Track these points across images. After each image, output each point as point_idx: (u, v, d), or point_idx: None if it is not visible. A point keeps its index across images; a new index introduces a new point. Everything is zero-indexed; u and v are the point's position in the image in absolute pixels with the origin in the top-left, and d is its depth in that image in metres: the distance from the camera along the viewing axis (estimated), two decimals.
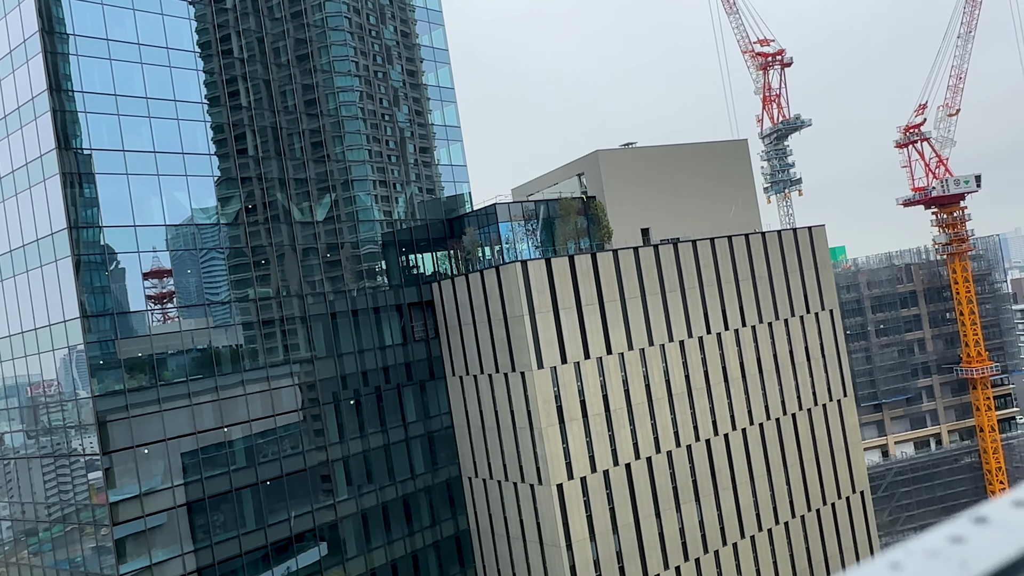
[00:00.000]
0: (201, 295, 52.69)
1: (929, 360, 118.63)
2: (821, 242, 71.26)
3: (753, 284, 65.75)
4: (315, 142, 59.91)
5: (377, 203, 63.90)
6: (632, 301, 58.99)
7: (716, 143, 76.09)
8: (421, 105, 67.99)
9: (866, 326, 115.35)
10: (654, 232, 66.58)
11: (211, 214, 53.94)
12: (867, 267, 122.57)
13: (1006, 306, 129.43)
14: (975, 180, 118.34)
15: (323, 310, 58.00)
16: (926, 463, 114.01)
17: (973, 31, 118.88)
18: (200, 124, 53.50)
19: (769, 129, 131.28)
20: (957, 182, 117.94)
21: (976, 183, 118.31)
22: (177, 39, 52.97)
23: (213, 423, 50.98)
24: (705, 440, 61.42)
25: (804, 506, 66.42)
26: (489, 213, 63.28)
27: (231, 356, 53.16)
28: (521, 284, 54.69)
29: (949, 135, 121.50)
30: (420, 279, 64.79)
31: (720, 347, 63.17)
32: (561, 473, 54.60)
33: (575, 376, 55.90)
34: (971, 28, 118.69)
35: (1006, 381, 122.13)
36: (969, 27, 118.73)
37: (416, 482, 61.90)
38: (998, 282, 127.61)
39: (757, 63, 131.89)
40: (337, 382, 58.28)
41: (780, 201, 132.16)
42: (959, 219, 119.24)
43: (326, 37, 62.04)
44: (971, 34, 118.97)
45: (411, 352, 63.00)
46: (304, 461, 55.08)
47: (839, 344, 71.38)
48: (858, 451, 71.81)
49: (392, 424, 61.05)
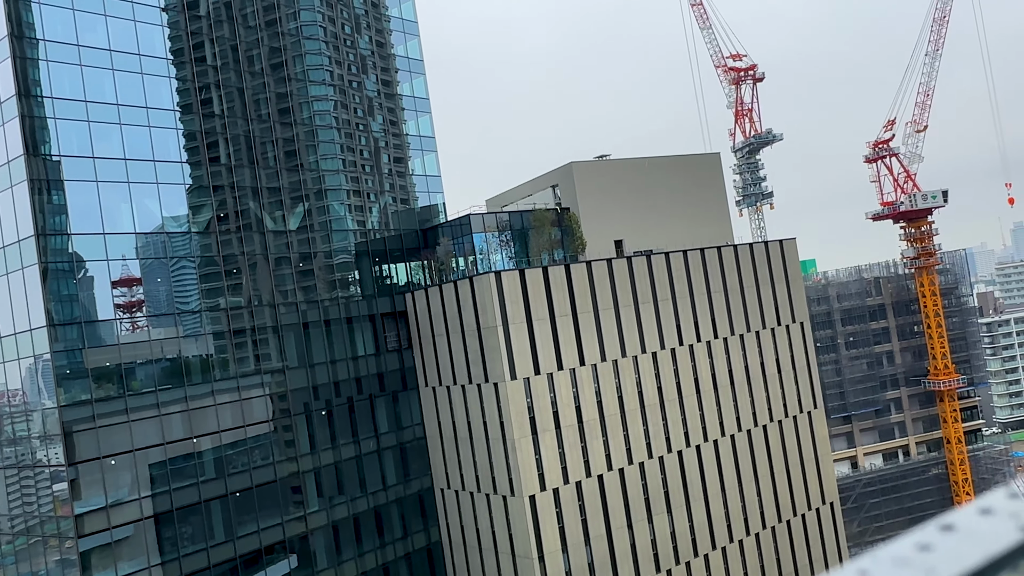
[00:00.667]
0: (171, 304, 52.11)
1: (897, 372, 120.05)
2: (792, 255, 71.99)
3: (725, 296, 66.23)
4: (288, 151, 59.61)
5: (351, 213, 63.66)
6: (605, 312, 59.17)
7: (689, 156, 76.73)
8: (396, 115, 67.93)
9: (836, 338, 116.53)
10: (627, 244, 66.90)
11: (182, 222, 53.44)
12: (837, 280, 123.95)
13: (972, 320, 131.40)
14: (942, 195, 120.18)
15: (295, 320, 57.58)
16: (894, 474, 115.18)
17: (940, 49, 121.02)
18: (172, 132, 53.05)
19: (741, 143, 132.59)
20: (925, 197, 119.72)
21: (943, 198, 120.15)
22: (149, 46, 52.53)
23: (182, 434, 50.36)
24: (677, 451, 61.66)
25: (775, 517, 66.83)
26: (463, 224, 63.26)
27: (201, 366, 52.59)
28: (495, 295, 54.69)
29: (917, 151, 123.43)
30: (393, 289, 64.56)
31: (692, 359, 63.52)
32: (533, 484, 54.51)
33: (548, 387, 55.92)
34: (938, 46, 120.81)
35: (972, 393, 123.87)
36: (936, 45, 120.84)
37: (388, 493, 61.50)
38: (964, 296, 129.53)
39: (730, 78, 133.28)
40: (309, 392, 57.83)
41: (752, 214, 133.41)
42: (927, 233, 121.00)
43: (301, 46, 61.85)
44: (938, 52, 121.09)
45: (384, 363, 62.69)
46: (274, 472, 54.53)
47: (809, 356, 72.05)
48: (828, 463, 72.42)
49: (364, 435, 60.66)
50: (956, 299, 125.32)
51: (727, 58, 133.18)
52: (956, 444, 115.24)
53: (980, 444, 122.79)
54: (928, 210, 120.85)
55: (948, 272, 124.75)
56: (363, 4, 67.27)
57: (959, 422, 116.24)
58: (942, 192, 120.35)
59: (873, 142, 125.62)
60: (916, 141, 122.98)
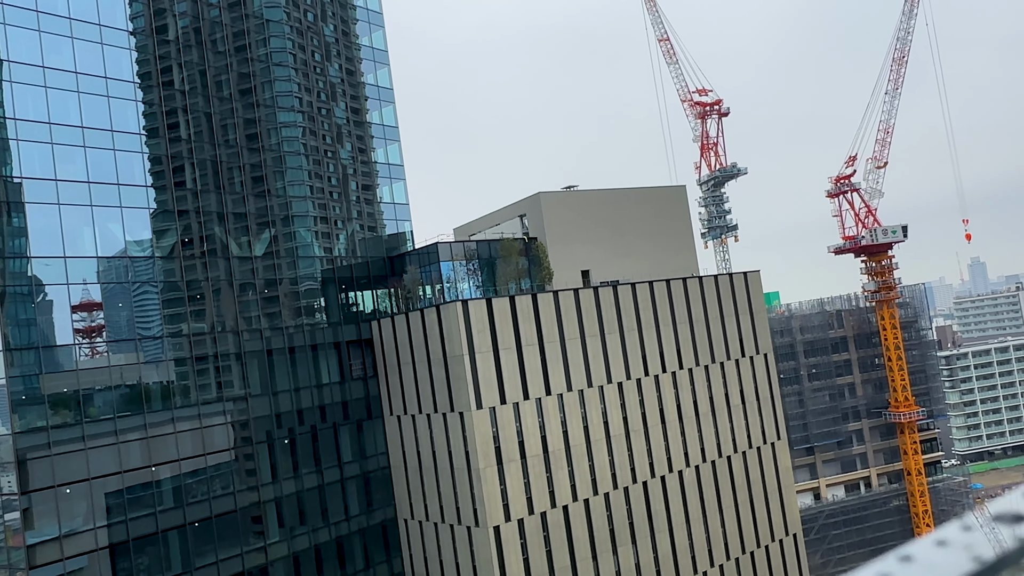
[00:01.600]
0: (132, 329, 51.31)
1: (859, 404, 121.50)
2: (756, 287, 72.82)
3: (690, 327, 66.72)
4: (256, 176, 59.30)
5: (317, 239, 63.35)
6: (572, 342, 59.29)
7: (655, 188, 77.55)
8: (365, 143, 67.98)
9: (799, 370, 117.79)
10: (594, 274, 67.25)
11: (145, 247, 52.81)
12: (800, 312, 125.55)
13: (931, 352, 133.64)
14: (902, 230, 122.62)
15: (259, 347, 56.95)
16: (856, 506, 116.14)
17: (900, 88, 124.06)
18: (137, 155, 52.58)
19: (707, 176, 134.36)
20: (885, 232, 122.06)
21: (903, 233, 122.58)
22: (116, 69, 52.17)
23: (140, 462, 49.37)
24: (642, 482, 61.65)
25: (739, 549, 66.92)
26: (431, 252, 63.22)
27: (161, 393, 51.74)
28: (461, 324, 54.58)
29: (877, 186, 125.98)
30: (360, 317, 64.18)
31: (657, 389, 63.75)
32: (498, 515, 54.12)
33: (514, 417, 55.75)
34: (898, 85, 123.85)
35: (932, 426, 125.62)
36: (896, 84, 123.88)
37: (350, 524, 60.67)
38: (924, 329, 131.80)
39: (696, 112, 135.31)
40: (271, 420, 57.09)
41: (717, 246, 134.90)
42: (887, 267, 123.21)
43: (270, 72, 61.80)
44: (898, 91, 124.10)
45: (349, 391, 62.14)
46: (235, 502, 53.59)
47: (773, 388, 72.67)
48: (791, 494, 72.83)
49: (327, 464, 59.91)
50: (916, 332, 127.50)
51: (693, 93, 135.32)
52: (916, 476, 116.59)
53: (940, 476, 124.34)
54: (888, 244, 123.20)
55: (908, 306, 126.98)
56: (333, 32, 67.50)
57: (919, 454, 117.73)
58: (902, 227, 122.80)
59: (835, 177, 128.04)
60: (876, 177, 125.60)
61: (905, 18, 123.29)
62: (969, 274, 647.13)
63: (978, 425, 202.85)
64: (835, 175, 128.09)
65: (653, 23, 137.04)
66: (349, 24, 69.16)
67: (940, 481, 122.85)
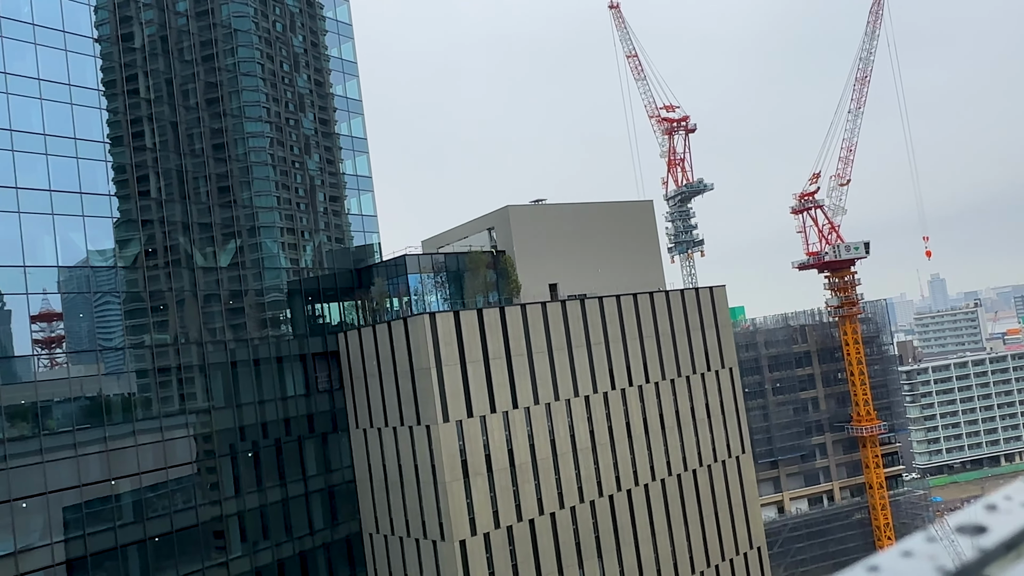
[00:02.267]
0: (93, 340, 50.46)
1: (822, 418, 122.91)
2: (721, 302, 73.50)
3: (657, 341, 67.12)
4: (222, 187, 58.78)
5: (284, 251, 62.88)
6: (539, 356, 59.35)
7: (623, 203, 78.09)
8: (333, 154, 67.69)
9: (763, 384, 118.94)
10: (562, 288, 67.47)
11: (108, 256, 52.04)
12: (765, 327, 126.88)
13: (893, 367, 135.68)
14: (864, 247, 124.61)
15: (223, 359, 56.29)
16: (819, 519, 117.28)
17: (863, 107, 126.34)
18: (101, 164, 51.88)
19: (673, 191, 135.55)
20: (848, 248, 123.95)
21: (865, 249, 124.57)
22: (81, 76, 51.51)
23: (100, 475, 48.46)
24: (608, 496, 61.74)
25: (704, 562, 67.20)
26: (398, 264, 63.03)
27: (122, 405, 50.89)
28: (429, 336, 54.42)
29: (840, 203, 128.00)
30: (326, 329, 63.72)
31: (624, 403, 64.00)
32: (464, 529, 53.86)
33: (481, 430, 55.61)
34: (860, 104, 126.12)
35: (893, 439, 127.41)
36: (859, 103, 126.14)
37: (315, 538, 60.02)
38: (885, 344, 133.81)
39: (663, 128, 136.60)
40: (235, 433, 56.38)
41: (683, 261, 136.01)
42: (850, 283, 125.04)
43: (237, 82, 61.38)
44: (860, 110, 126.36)
45: (314, 403, 61.60)
46: (196, 516, 52.78)
47: (738, 401, 73.28)
48: (755, 507, 73.37)
49: (292, 478, 59.26)
50: (877, 347, 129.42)
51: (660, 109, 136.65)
52: (878, 489, 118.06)
53: (901, 489, 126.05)
54: (851, 260, 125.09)
55: (870, 321, 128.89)
56: (302, 43, 67.27)
57: (881, 467, 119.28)
58: (864, 244, 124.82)
59: (799, 194, 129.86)
60: (840, 194, 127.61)
61: (867, 39, 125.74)
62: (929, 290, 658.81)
63: (938, 439, 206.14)
64: (799, 192, 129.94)
65: (622, 39, 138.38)
66: (318, 35, 68.98)
67: (901, 494, 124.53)
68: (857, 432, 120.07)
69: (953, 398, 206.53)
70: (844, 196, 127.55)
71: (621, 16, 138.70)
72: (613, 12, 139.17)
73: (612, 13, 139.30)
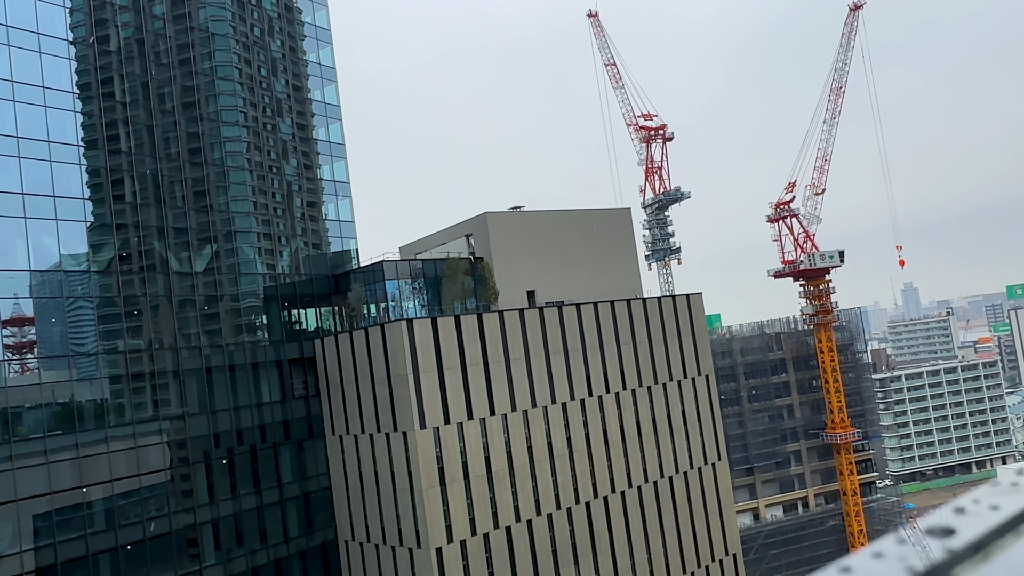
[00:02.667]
0: (66, 346, 49.86)
1: (797, 426, 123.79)
2: (698, 309, 73.90)
3: (634, 348, 67.34)
4: (198, 191, 58.34)
5: (260, 256, 62.49)
6: (516, 362, 59.36)
7: (601, 210, 78.36)
8: (310, 159, 67.41)
9: (739, 391, 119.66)
10: (540, 294, 67.55)
11: (81, 261, 51.47)
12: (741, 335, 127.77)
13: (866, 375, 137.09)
14: (839, 255, 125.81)
15: (198, 364, 55.81)
16: (794, 526, 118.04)
17: (837, 118, 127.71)
18: (75, 167, 51.34)
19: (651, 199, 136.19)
20: (823, 256, 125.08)
21: (840, 258, 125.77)
22: (55, 78, 50.98)
23: (71, 483, 47.83)
24: (585, 503, 61.80)
25: (680, 568, 67.39)
26: (376, 270, 62.84)
27: (95, 411, 50.29)
28: (406, 343, 54.27)
29: (816, 212, 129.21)
30: (302, 335, 63.36)
31: (601, 410, 64.12)
32: (440, 536, 53.69)
33: (458, 437, 55.50)
34: (835, 115, 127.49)
35: (867, 447, 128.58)
36: (834, 114, 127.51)
37: (289, 546, 59.56)
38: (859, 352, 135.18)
39: (641, 136, 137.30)
40: (209, 440, 55.87)
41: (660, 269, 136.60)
42: (824, 291, 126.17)
43: (214, 86, 61.00)
44: (835, 120, 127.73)
45: (290, 410, 61.19)
46: (170, 524, 52.21)
47: (714, 409, 73.66)
48: (731, 514, 73.72)
49: (267, 485, 58.80)
50: (851, 355, 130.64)
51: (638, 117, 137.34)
52: (852, 496, 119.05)
53: (874, 496, 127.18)
54: (826, 269, 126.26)
55: (844, 329, 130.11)
56: (280, 48, 67.01)
57: (855, 474, 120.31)
58: (839, 252, 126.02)
59: (775, 203, 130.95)
60: (815, 203, 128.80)
61: (842, 50, 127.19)
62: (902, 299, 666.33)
63: (911, 446, 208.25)
64: (775, 200, 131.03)
65: (600, 48, 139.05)
66: (296, 40, 68.74)
67: (874, 501, 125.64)
68: (831, 439, 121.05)
69: (926, 406, 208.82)
70: (819, 205, 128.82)
71: (600, 25, 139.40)
72: (592, 21, 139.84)
73: (591, 22, 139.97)
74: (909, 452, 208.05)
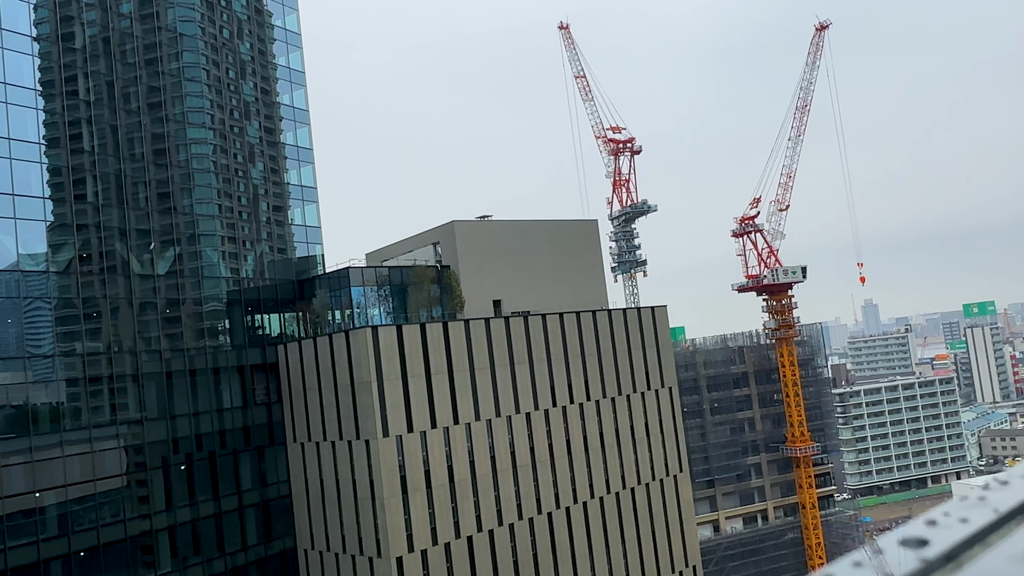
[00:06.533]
0: (22, 347, 48.86)
1: (758, 438, 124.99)
2: (663, 321, 74.42)
3: (598, 359, 67.60)
4: (162, 193, 57.62)
5: (224, 260, 61.82)
6: (481, 372, 59.29)
7: (569, 222, 78.70)
8: (277, 164, 66.92)
9: (702, 404, 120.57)
10: (506, 304, 67.60)
11: (40, 261, 50.52)
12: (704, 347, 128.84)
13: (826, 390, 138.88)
14: (801, 271, 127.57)
15: (158, 368, 54.99)
16: (753, 538, 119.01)
17: (802, 135, 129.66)
18: (36, 165, 50.44)
19: (618, 211, 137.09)
20: (786, 272, 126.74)
21: (802, 274, 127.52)
22: (17, 75, 50.11)
23: (23, 487, 46.82)
24: (547, 513, 61.80)
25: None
26: (342, 276, 62.48)
27: (50, 414, 49.31)
28: (370, 350, 53.97)
29: (779, 228, 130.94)
30: (265, 340, 62.74)
31: (565, 420, 64.23)
32: (401, 545, 53.35)
33: (421, 445, 55.25)
34: (800, 132, 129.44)
35: (825, 460, 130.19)
36: (799, 131, 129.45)
37: (248, 554, 58.79)
38: (820, 367, 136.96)
39: (609, 148, 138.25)
40: (168, 445, 55.04)
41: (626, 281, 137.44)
42: (787, 306, 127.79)
43: (181, 87, 60.36)
44: (800, 138, 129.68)
45: (251, 416, 60.51)
46: (125, 530, 51.29)
47: (677, 421, 74.14)
48: (692, 526, 74.16)
49: (225, 492, 58.02)
50: (812, 370, 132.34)
51: (607, 130, 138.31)
52: (811, 509, 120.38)
53: (832, 510, 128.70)
54: (788, 284, 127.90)
55: (805, 344, 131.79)
56: (250, 50, 66.51)
57: (813, 488, 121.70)
58: (801, 268, 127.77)
59: (740, 218, 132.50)
60: (779, 219, 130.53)
61: (808, 69, 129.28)
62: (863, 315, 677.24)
63: (868, 460, 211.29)
64: (740, 216, 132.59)
65: (570, 60, 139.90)
66: (266, 43, 68.29)
67: (832, 514, 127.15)
68: (791, 453, 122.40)
69: (884, 420, 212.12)
70: (783, 221, 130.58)
71: (571, 37, 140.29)
72: (563, 32, 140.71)
73: (562, 34, 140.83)
74: (867, 466, 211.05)
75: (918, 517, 1.88)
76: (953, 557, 1.67)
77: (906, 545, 1.67)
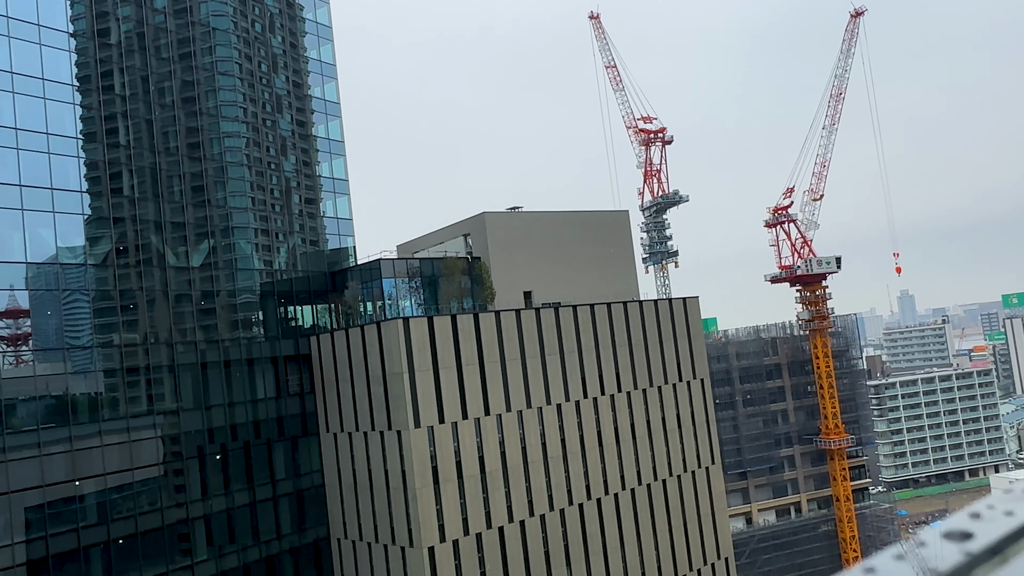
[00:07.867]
0: (61, 339, 49.75)
1: (791, 431, 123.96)
2: (694, 313, 73.94)
3: (629, 351, 67.35)
4: (196, 186, 58.27)
5: (257, 252, 62.42)
6: (512, 363, 59.34)
7: (599, 212, 78.42)
8: (309, 156, 67.36)
9: (734, 396, 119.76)
10: (536, 295, 67.56)
11: (78, 254, 51.36)
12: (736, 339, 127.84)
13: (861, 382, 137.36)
14: (836, 262, 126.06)
15: (193, 359, 55.70)
16: (786, 531, 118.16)
17: (837, 124, 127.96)
18: (73, 160, 51.23)
19: (649, 202, 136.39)
20: (820, 262, 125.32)
21: (837, 264, 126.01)
22: (55, 71, 50.88)
23: (64, 476, 47.72)
24: (578, 504, 61.80)
25: (672, 572, 67.42)
26: (373, 268, 62.81)
27: (89, 404, 50.18)
28: (402, 341, 54.23)
29: (813, 218, 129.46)
30: (298, 332, 63.29)
31: (596, 412, 64.12)
32: (433, 535, 53.66)
33: (452, 436, 55.47)
34: (835, 121, 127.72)
35: (860, 453, 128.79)
36: (833, 120, 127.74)
37: (282, 543, 59.49)
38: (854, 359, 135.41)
39: (640, 139, 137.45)
40: (203, 435, 55.79)
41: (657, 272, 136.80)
42: (821, 297, 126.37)
43: (215, 81, 60.92)
44: (835, 126, 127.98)
45: (284, 407, 61.12)
46: (162, 519, 52.12)
47: (708, 412, 73.70)
48: (724, 518, 73.76)
49: (260, 481, 58.72)
50: (847, 361, 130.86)
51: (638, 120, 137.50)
52: (845, 502, 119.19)
53: (867, 502, 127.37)
54: (822, 275, 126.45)
55: (840, 335, 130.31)
56: (281, 44, 66.96)
57: (848, 480, 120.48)
58: (836, 258, 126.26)
59: (773, 208, 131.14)
60: (813, 209, 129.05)
61: (843, 57, 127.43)
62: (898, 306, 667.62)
63: (904, 453, 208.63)
64: (773, 206, 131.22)
65: (601, 50, 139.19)
66: (297, 36, 68.69)
67: (867, 507, 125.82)
68: (825, 445, 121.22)
69: (920, 413, 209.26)
70: (817, 211, 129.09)
71: (601, 27, 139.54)
72: (593, 23, 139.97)
73: (592, 24, 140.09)
74: (902, 459, 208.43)
75: (961, 510, 1.83)
76: (999, 551, 1.63)
77: (950, 538, 1.63)
